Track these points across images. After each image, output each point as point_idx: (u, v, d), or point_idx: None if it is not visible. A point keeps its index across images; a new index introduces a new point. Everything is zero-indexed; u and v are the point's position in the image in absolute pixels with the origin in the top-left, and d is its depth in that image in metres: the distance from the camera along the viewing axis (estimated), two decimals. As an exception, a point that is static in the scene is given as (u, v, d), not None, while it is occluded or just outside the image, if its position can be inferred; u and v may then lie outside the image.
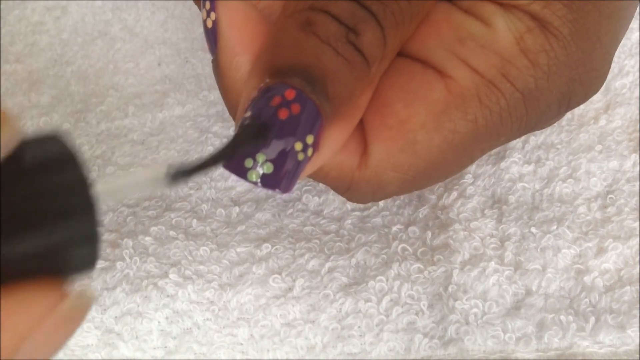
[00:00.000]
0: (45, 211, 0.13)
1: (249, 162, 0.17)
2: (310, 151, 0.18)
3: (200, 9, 0.21)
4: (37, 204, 0.13)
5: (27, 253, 0.13)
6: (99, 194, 0.13)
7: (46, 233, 0.13)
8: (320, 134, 0.18)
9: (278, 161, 0.17)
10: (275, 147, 0.17)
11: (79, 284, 0.14)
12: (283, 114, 0.17)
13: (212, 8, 0.20)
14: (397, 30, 0.18)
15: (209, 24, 0.20)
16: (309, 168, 0.19)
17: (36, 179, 0.13)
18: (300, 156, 0.18)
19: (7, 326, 0.13)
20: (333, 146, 0.19)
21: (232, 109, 0.21)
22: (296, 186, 0.27)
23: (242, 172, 0.17)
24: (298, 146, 0.17)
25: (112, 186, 0.14)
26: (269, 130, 0.17)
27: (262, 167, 0.17)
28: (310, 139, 0.18)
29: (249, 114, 0.17)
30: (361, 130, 0.20)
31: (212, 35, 0.20)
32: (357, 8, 0.17)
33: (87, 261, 0.14)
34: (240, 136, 0.17)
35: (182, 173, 0.15)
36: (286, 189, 0.18)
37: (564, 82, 0.20)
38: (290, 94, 0.17)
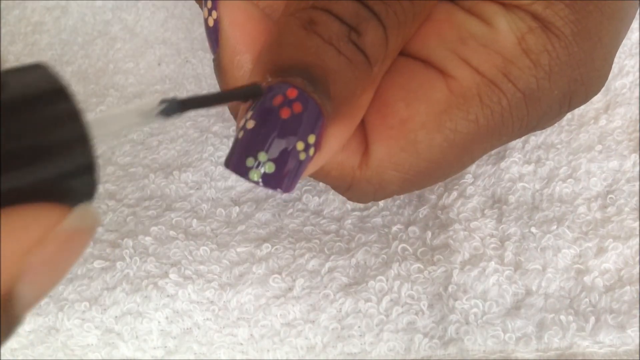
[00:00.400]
0: (39, 143, 0.13)
1: (250, 162, 0.17)
2: (312, 150, 0.18)
3: (201, 8, 0.21)
4: (30, 136, 0.12)
5: (24, 185, 0.13)
6: (91, 124, 0.13)
7: (42, 164, 0.13)
8: (322, 134, 0.18)
9: (280, 160, 0.17)
10: (277, 146, 0.17)
11: (81, 206, 0.14)
12: (285, 113, 0.17)
13: (214, 7, 0.20)
14: (399, 30, 0.18)
15: (211, 23, 0.20)
16: (311, 167, 0.19)
17: (25, 110, 0.13)
18: (302, 156, 0.18)
19: (7, 243, 0.13)
20: (335, 145, 0.19)
21: (233, 108, 0.21)
22: (296, 186, 0.27)
23: (243, 172, 0.17)
24: (300, 146, 0.17)
25: (104, 117, 0.14)
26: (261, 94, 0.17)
27: (263, 166, 0.17)
28: (312, 139, 0.18)
29: (250, 113, 0.18)
30: (362, 129, 0.20)
31: (214, 34, 0.20)
32: (360, 8, 0.17)
33: (86, 191, 0.14)
34: (240, 90, 0.17)
35: (175, 106, 0.14)
36: (288, 188, 0.18)
37: (566, 82, 0.20)
38: (292, 93, 0.17)
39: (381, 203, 0.26)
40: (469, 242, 0.25)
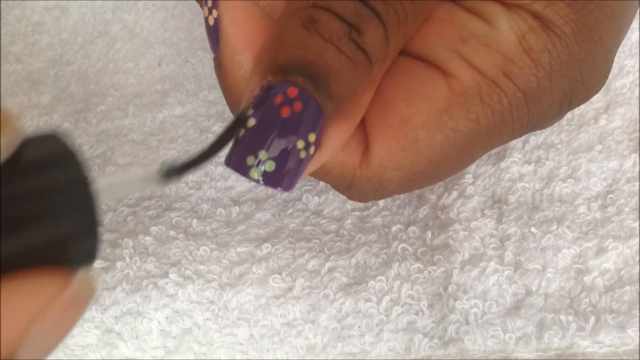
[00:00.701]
0: (45, 207, 0.13)
1: (250, 160, 0.17)
2: (312, 149, 0.18)
3: (201, 7, 0.21)
4: (37, 200, 0.13)
5: (27, 248, 0.13)
6: (98, 190, 0.14)
7: (46, 228, 0.13)
8: (323, 132, 0.18)
9: (280, 159, 0.17)
10: (277, 145, 0.17)
11: (81, 273, 0.14)
12: (285, 112, 0.17)
13: (214, 6, 0.20)
14: (399, 29, 0.18)
15: (211, 22, 0.20)
16: (311, 166, 0.19)
17: (36, 176, 0.13)
18: (303, 154, 0.18)
19: (10, 314, 0.12)
20: (335, 144, 0.19)
21: (233, 107, 0.21)
22: (296, 186, 0.27)
23: (244, 170, 0.17)
24: (300, 144, 0.17)
25: (109, 183, 0.14)
26: (244, 123, 0.17)
27: (264, 165, 0.17)
28: (312, 137, 0.18)
29: (251, 111, 0.17)
30: (363, 128, 0.20)
31: (214, 33, 0.20)
32: (361, 7, 0.17)
33: (87, 255, 0.14)
34: (228, 131, 0.17)
35: (175, 170, 0.15)
36: (288, 187, 0.18)
37: (566, 82, 0.20)
38: (292, 92, 0.17)
39: (381, 203, 0.26)
40: (469, 242, 0.25)
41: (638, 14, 0.28)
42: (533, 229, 0.25)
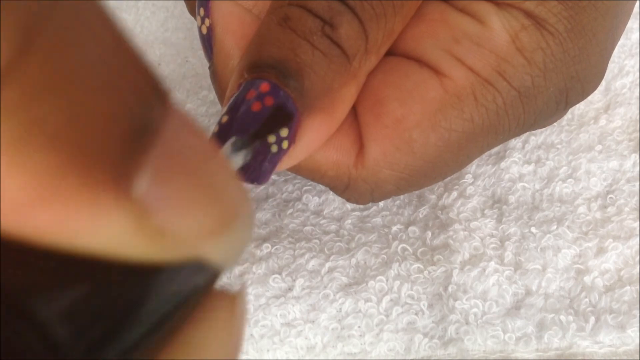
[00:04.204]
0: None
1: None
2: (285, 143, 0.18)
3: (194, 17, 0.21)
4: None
5: None
6: None
7: None
8: (296, 127, 0.18)
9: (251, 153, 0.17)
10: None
11: None
12: (256, 107, 0.17)
13: (207, 14, 0.20)
14: (378, 23, 0.18)
15: (204, 30, 0.21)
16: (288, 161, 0.19)
17: None
18: (274, 148, 0.18)
19: None
20: (314, 139, 0.19)
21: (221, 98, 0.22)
22: (296, 186, 0.27)
23: None
24: (271, 138, 0.18)
25: None
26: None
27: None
28: (284, 132, 0.18)
29: (225, 109, 0.18)
30: (357, 128, 0.20)
31: (208, 42, 0.21)
32: (333, 2, 0.18)
33: None
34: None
35: None
36: (261, 180, 0.18)
37: (561, 79, 0.20)
38: (264, 87, 0.17)
39: (381, 203, 0.26)
40: (469, 242, 0.25)
41: (638, 14, 0.28)
42: (533, 229, 0.25)
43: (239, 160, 0.17)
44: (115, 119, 0.08)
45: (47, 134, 0.07)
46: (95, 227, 0.07)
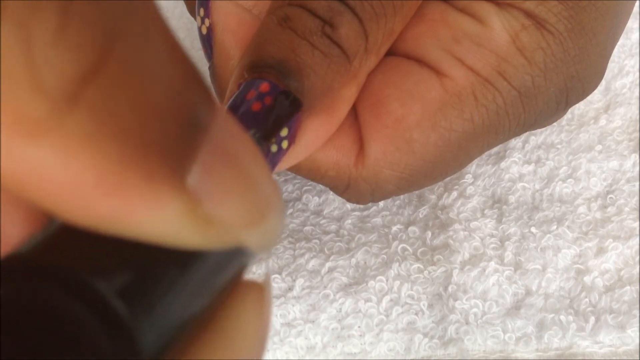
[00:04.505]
0: None
1: None
2: (285, 143, 0.18)
3: (195, 18, 0.21)
4: None
5: None
6: None
7: None
8: (297, 126, 0.18)
9: None
10: None
11: None
12: (256, 107, 0.17)
13: (207, 14, 0.20)
14: (378, 23, 0.18)
15: (204, 31, 0.21)
16: (288, 160, 0.19)
17: None
18: (274, 148, 0.18)
19: None
20: (315, 139, 0.19)
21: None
22: (296, 186, 0.27)
23: None
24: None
25: None
26: None
27: None
28: (284, 132, 0.18)
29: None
30: (357, 128, 0.20)
31: (208, 42, 0.21)
32: (333, 1, 0.18)
33: None
34: None
35: None
36: None
37: (561, 79, 0.20)
38: (264, 87, 0.17)
39: (381, 203, 0.26)
40: (469, 242, 0.25)
41: (638, 14, 0.28)
42: (533, 229, 0.25)
43: None
44: (175, 116, 0.08)
45: (118, 128, 0.08)
46: (153, 214, 0.08)
